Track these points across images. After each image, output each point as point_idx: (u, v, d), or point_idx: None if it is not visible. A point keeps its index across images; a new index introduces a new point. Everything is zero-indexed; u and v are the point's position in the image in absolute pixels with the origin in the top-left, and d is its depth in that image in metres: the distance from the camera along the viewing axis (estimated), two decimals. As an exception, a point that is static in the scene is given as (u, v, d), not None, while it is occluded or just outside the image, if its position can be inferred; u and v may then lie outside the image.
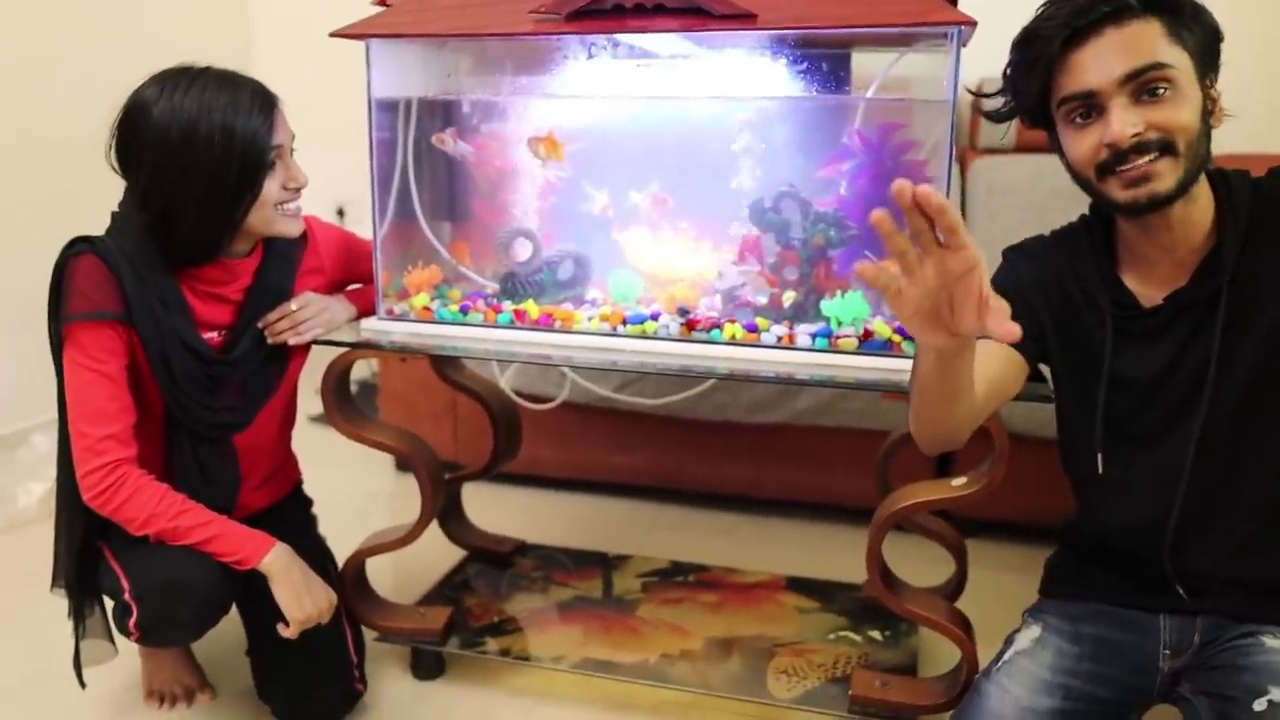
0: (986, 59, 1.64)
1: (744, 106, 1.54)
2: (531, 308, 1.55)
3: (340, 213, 3.35)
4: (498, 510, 2.28)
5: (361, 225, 3.08)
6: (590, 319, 1.53)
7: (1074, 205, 1.33)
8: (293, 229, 1.48)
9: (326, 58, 3.34)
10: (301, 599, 1.41)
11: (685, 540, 2.31)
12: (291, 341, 1.51)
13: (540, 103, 1.61)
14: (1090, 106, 1.12)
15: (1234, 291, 1.15)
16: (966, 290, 0.86)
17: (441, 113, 1.64)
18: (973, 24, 1.27)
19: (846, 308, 1.45)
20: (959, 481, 1.43)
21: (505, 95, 1.62)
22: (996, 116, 1.25)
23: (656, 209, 1.58)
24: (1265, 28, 2.66)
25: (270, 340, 1.51)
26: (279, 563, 1.41)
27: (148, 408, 1.46)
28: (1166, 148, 1.09)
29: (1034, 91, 1.16)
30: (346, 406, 1.63)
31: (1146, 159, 1.09)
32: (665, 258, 1.61)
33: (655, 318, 1.51)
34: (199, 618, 1.43)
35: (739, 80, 1.57)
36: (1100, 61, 1.09)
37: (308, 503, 1.79)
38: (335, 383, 1.60)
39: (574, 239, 1.65)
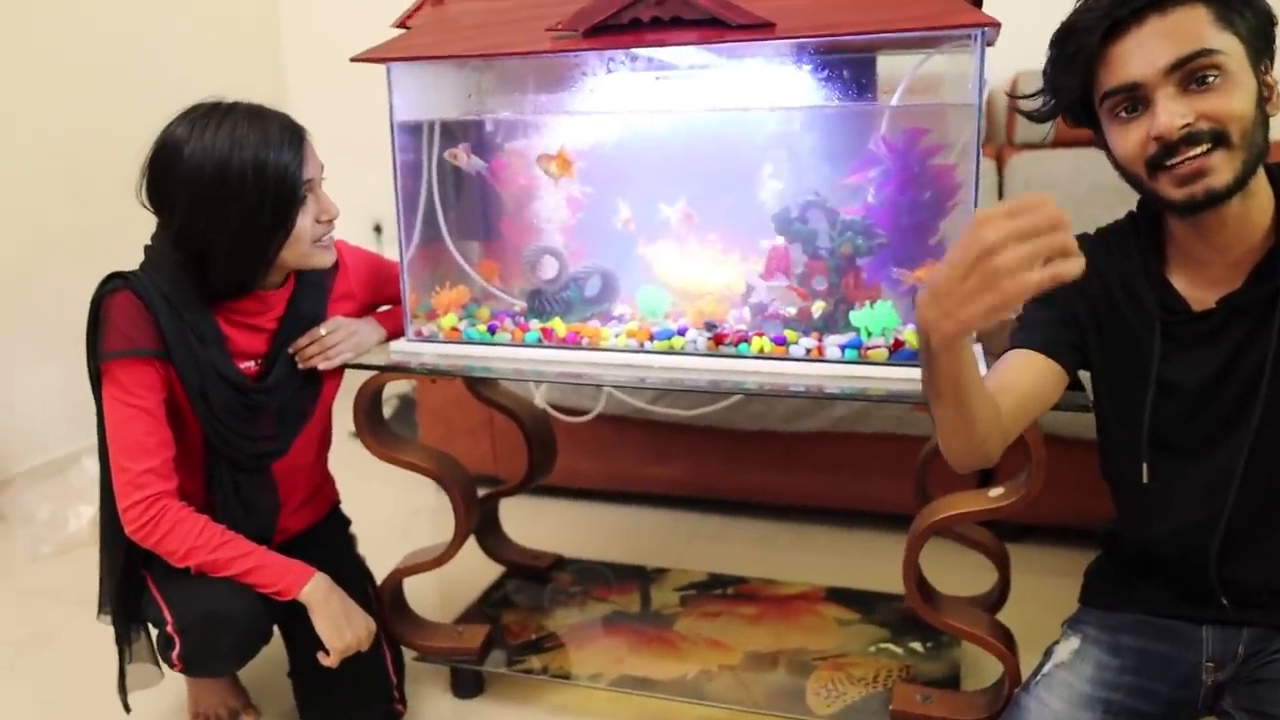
0: (1018, 55, 1.62)
1: (768, 116, 1.52)
2: (559, 325, 1.55)
3: (378, 229, 3.38)
4: (537, 523, 2.28)
5: (395, 245, 3.09)
6: (617, 335, 1.52)
7: (1116, 199, 1.28)
8: (326, 260, 1.49)
9: (360, 77, 3.33)
10: (341, 629, 1.41)
11: (724, 550, 2.29)
12: (321, 366, 1.52)
13: (562, 119, 1.61)
14: (1135, 99, 1.07)
15: None
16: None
17: (464, 133, 1.64)
18: (996, 25, 1.24)
19: (876, 318, 1.42)
20: (996, 492, 1.40)
21: (527, 113, 1.62)
22: (1037, 116, 1.20)
23: (684, 224, 1.57)
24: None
25: (301, 366, 1.52)
26: (318, 593, 1.42)
27: (187, 440, 1.48)
28: (1220, 139, 1.03)
29: (1075, 88, 1.12)
30: (379, 428, 1.64)
31: (1199, 151, 1.03)
32: (693, 271, 1.59)
33: (683, 333, 1.50)
34: (239, 649, 1.45)
35: (761, 89, 1.55)
36: (1144, 51, 1.04)
37: (346, 523, 1.80)
38: (367, 404, 1.61)
39: (601, 255, 1.64)
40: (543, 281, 1.61)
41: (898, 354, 1.40)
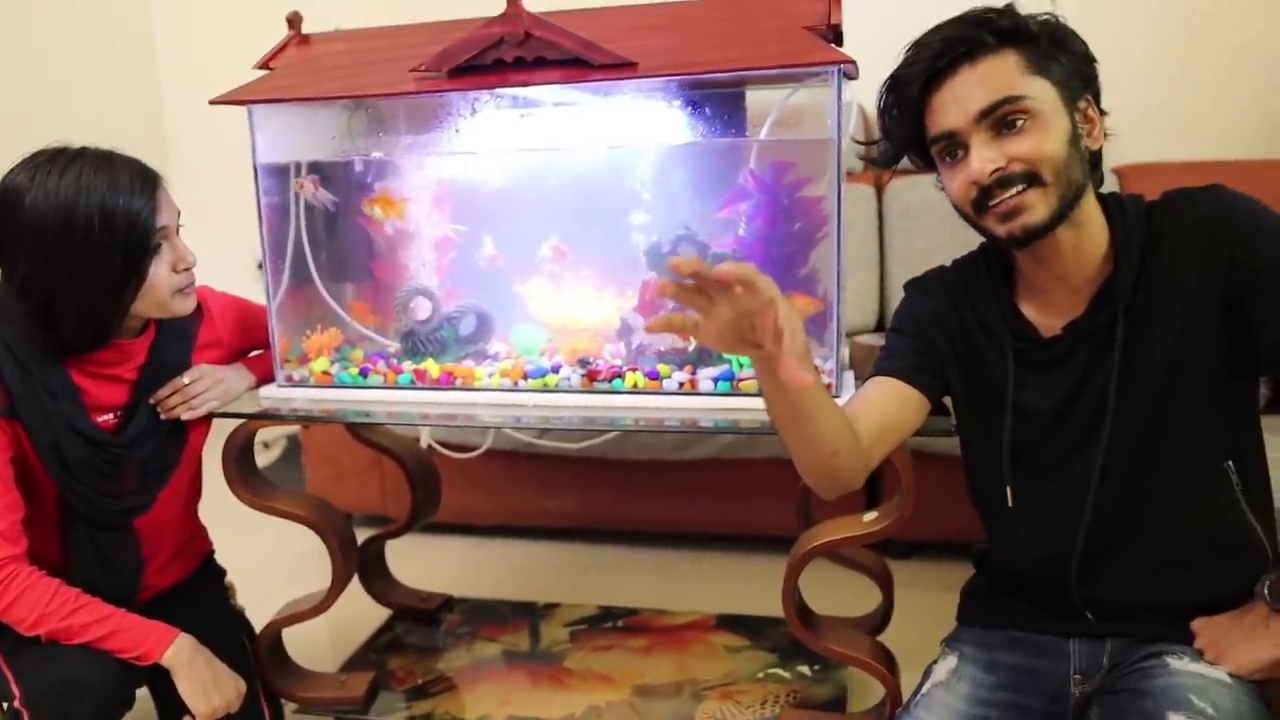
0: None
1: (637, 152, 1.53)
2: (432, 367, 1.53)
3: (261, 266, 3.30)
4: (428, 562, 2.24)
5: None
6: (491, 375, 1.51)
7: None
8: (186, 308, 1.44)
9: (237, 115, 3.31)
10: (208, 692, 1.36)
11: (618, 581, 2.29)
12: (185, 416, 1.47)
13: (431, 159, 1.59)
14: (954, 145, 1.12)
15: (1131, 319, 1.14)
16: (764, 320, 0.93)
17: (332, 174, 1.61)
18: (850, 62, 1.28)
19: (747, 350, 1.44)
20: (870, 516, 1.43)
21: (394, 154, 1.60)
22: (880, 161, 1.25)
23: (557, 261, 1.57)
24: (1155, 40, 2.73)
25: (163, 417, 1.47)
26: (182, 655, 1.36)
27: (40, 499, 1.40)
28: (1032, 179, 1.09)
29: (907, 135, 1.17)
30: (250, 476, 1.60)
31: (1013, 192, 1.09)
32: (567, 308, 1.59)
33: (556, 370, 1.49)
34: (99, 719, 1.38)
35: (630, 125, 1.57)
36: (957, 100, 1.10)
37: (220, 574, 1.74)
38: (236, 453, 1.56)
39: (476, 294, 1.63)
40: (416, 322, 1.59)
41: (769, 385, 1.41)
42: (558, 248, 1.57)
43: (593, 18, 1.46)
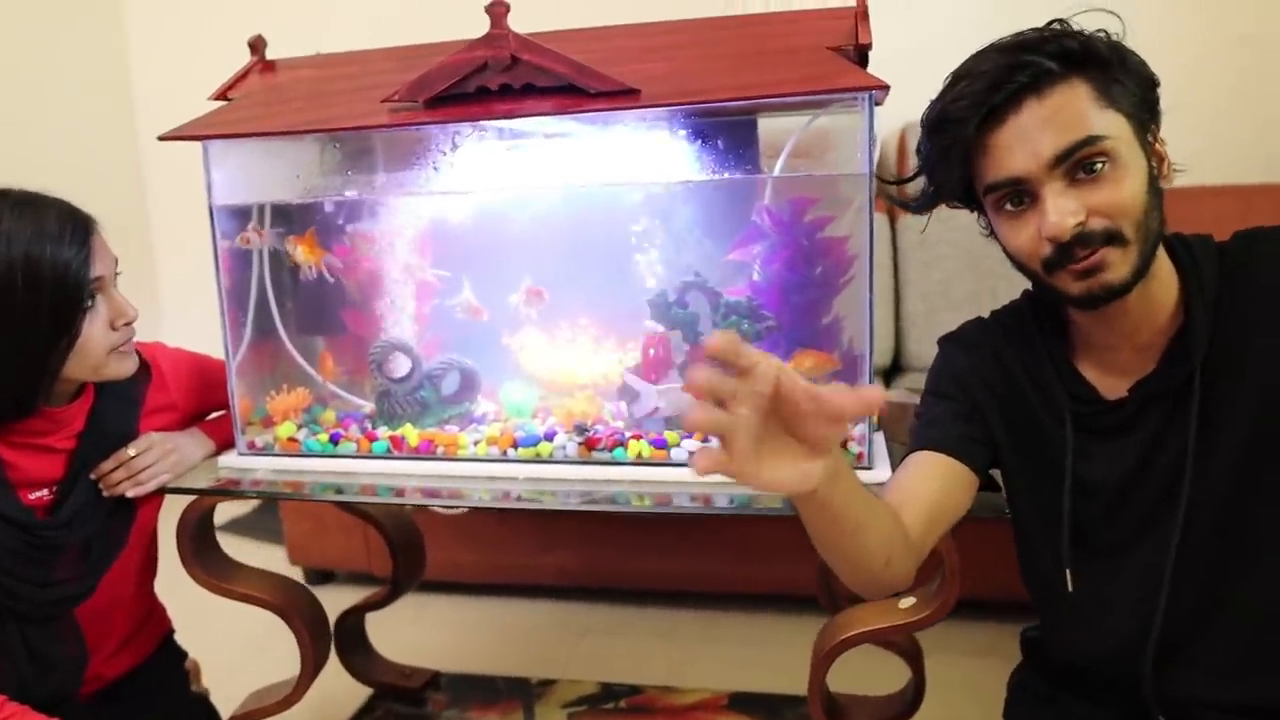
0: (906, 107, 1.49)
1: (638, 189, 1.37)
2: (410, 433, 1.36)
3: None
4: (413, 626, 2.07)
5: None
6: (477, 443, 1.34)
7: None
8: (124, 369, 1.27)
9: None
10: None
11: (619, 646, 2.11)
12: (130, 494, 1.30)
13: (409, 200, 1.43)
14: (1020, 193, 0.95)
15: (1207, 376, 0.98)
16: (789, 397, 0.70)
17: (300, 216, 1.44)
18: (885, 88, 1.11)
19: (766, 414, 1.27)
20: (908, 603, 1.26)
21: (367, 194, 1.43)
22: (915, 207, 1.07)
23: (532, 304, 1.40)
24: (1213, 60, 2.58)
25: (106, 493, 1.30)
26: None
27: None
28: (1112, 238, 0.92)
29: (956, 180, 1.00)
30: (208, 557, 1.42)
31: (1093, 250, 0.92)
32: (562, 363, 1.43)
33: (550, 437, 1.32)
34: None
35: (630, 158, 1.40)
36: (1024, 142, 0.92)
37: (179, 657, 1.56)
38: (192, 531, 1.38)
39: (459, 347, 1.46)
40: (393, 381, 1.42)
41: (792, 454, 1.25)
42: (533, 289, 1.40)
43: (588, 39, 1.30)
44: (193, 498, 1.36)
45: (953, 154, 0.97)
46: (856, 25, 1.23)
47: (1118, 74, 0.94)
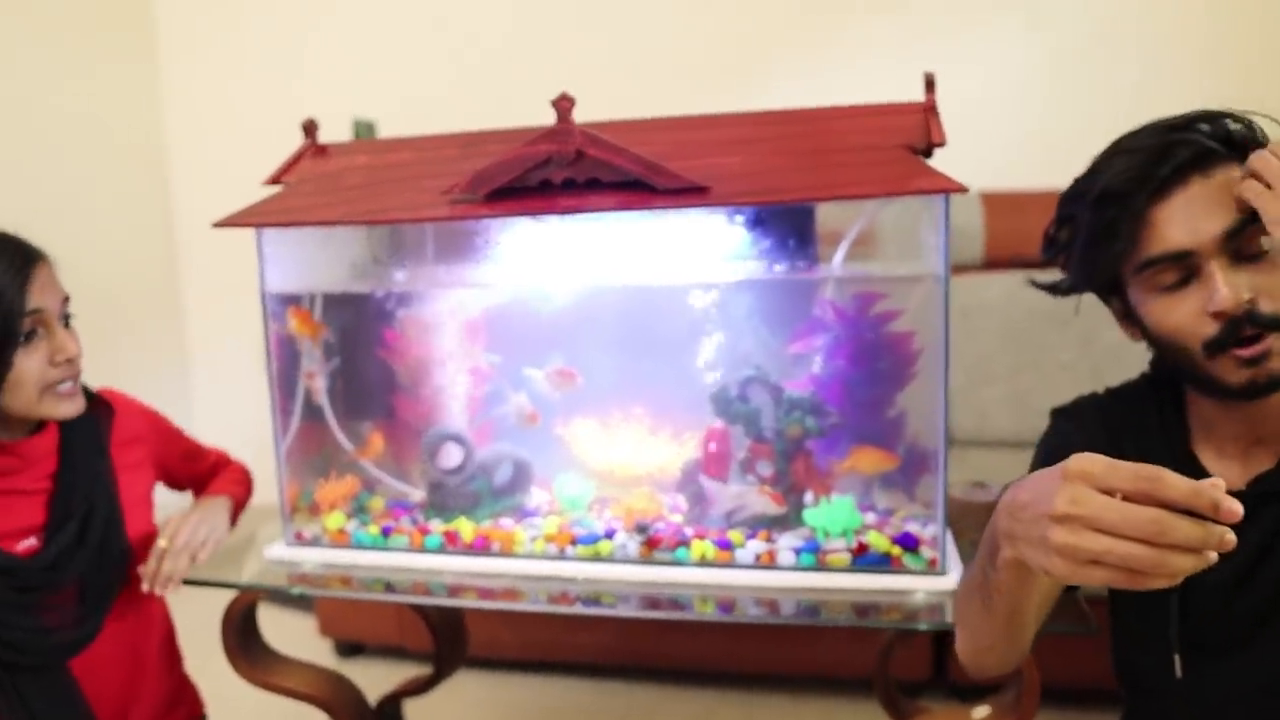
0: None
1: (697, 285, 1.34)
2: (465, 527, 1.32)
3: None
4: (449, 703, 2.01)
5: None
6: (534, 540, 1.30)
7: (1053, 326, 1.15)
8: (62, 411, 1.23)
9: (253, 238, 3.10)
10: None
11: (662, 729, 2.05)
12: (177, 586, 1.26)
13: (464, 292, 1.40)
14: (1184, 269, 0.93)
15: None
16: None
17: (349, 304, 1.42)
18: (962, 190, 1.08)
19: (834, 516, 1.23)
20: (981, 713, 1.21)
21: (420, 286, 1.41)
22: (1063, 289, 1.06)
23: (563, 388, 1.38)
24: None
25: (160, 592, 1.26)
26: None
27: None
28: (1277, 323, 0.90)
29: (1117, 258, 0.96)
30: (253, 649, 1.39)
31: (1261, 333, 0.90)
32: (617, 455, 1.39)
33: (610, 535, 1.28)
34: None
35: (688, 250, 1.36)
36: (1192, 216, 0.91)
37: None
38: (237, 624, 1.35)
39: (512, 437, 1.43)
40: (444, 472, 1.38)
41: (861, 558, 1.21)
42: (563, 370, 1.38)
43: (652, 130, 1.28)
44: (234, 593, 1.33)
45: (1119, 228, 0.94)
46: (928, 122, 1.20)
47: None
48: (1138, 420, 1.07)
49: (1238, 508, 0.63)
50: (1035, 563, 0.69)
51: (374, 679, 1.71)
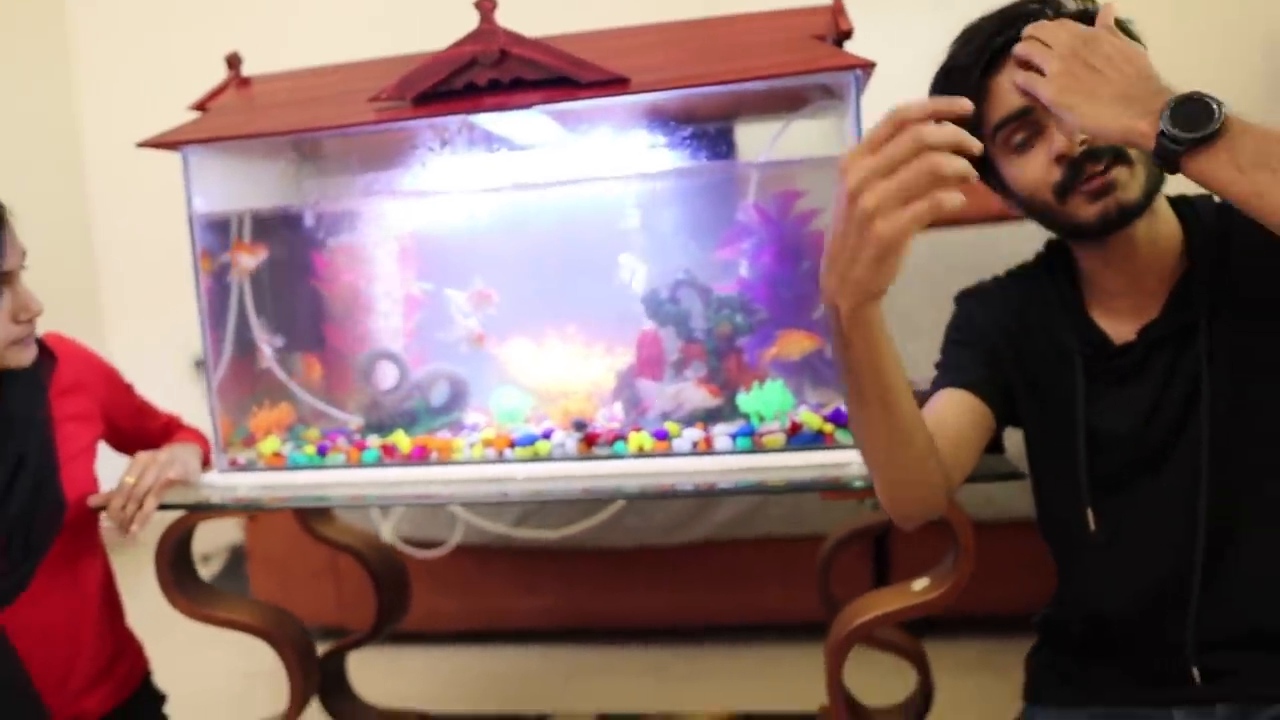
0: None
1: (625, 190, 1.37)
2: (402, 440, 1.32)
3: (200, 364, 3.07)
4: (394, 678, 1.98)
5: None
6: (472, 445, 1.30)
7: (971, 279, 1.21)
8: (23, 359, 1.23)
9: (174, 194, 3.09)
10: None
11: (609, 686, 2.04)
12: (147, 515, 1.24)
13: (393, 205, 1.41)
14: (1028, 126, 1.00)
15: (1213, 317, 1.02)
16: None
17: (278, 228, 1.42)
18: (870, 65, 1.13)
19: (767, 400, 1.27)
20: (921, 584, 1.24)
21: (351, 199, 1.42)
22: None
23: (482, 309, 1.39)
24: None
25: (126, 531, 1.24)
26: None
27: None
28: (1119, 155, 0.97)
29: (967, 126, 1.02)
30: (188, 582, 1.36)
31: (1103, 167, 0.97)
32: (553, 369, 1.41)
33: (548, 436, 1.29)
34: None
35: (613, 162, 1.40)
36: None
37: (159, 700, 1.47)
38: (171, 555, 1.32)
39: (446, 357, 1.43)
40: (380, 392, 1.39)
41: (795, 438, 1.24)
42: (481, 292, 1.40)
43: (573, 42, 1.31)
44: (171, 520, 1.31)
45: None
46: (835, 17, 1.26)
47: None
48: (1036, 291, 1.13)
49: (966, 102, 0.71)
50: (867, 266, 0.73)
51: None
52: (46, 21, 3.27)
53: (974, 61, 1.00)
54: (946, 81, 1.04)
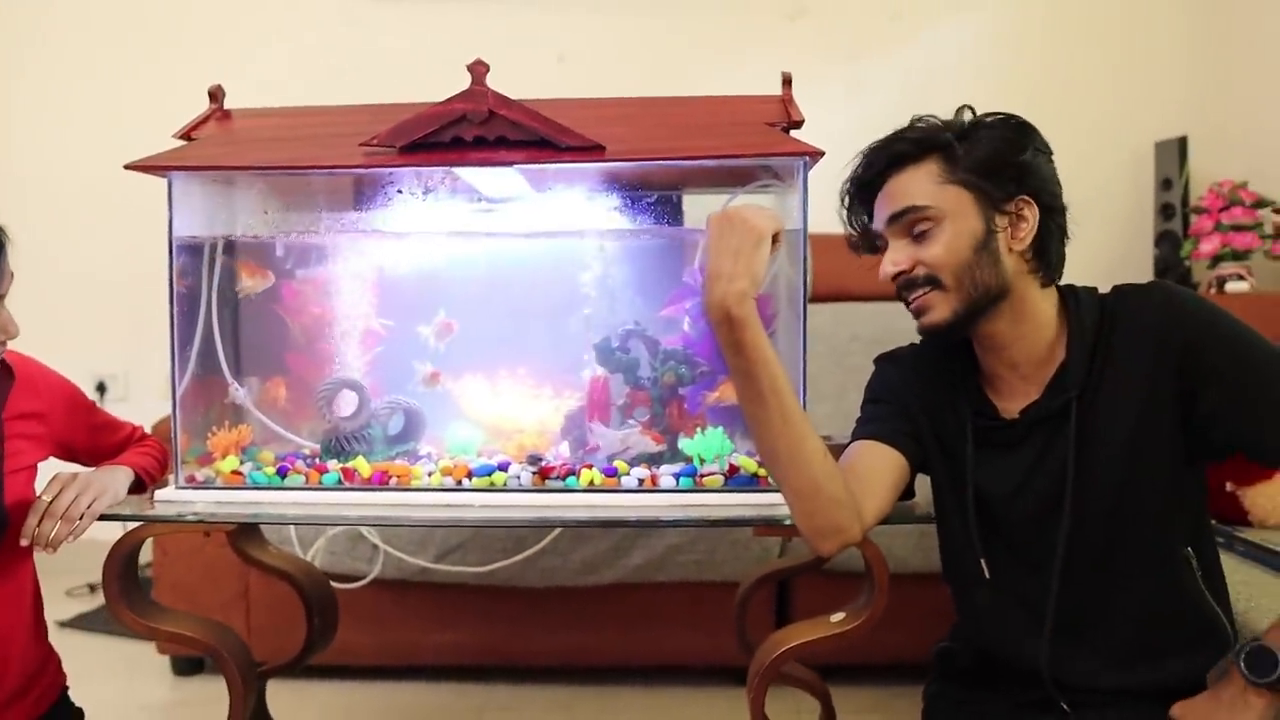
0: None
1: (582, 243, 1.49)
2: (362, 465, 1.39)
3: (101, 388, 3.02)
4: (304, 711, 1.99)
5: (128, 403, 2.78)
6: (431, 474, 1.38)
7: (874, 349, 1.38)
8: None
9: (88, 216, 3.08)
10: None
11: (519, 723, 2.10)
12: (70, 541, 1.26)
13: (364, 243, 1.50)
14: (878, 243, 1.22)
15: (1084, 404, 1.17)
16: None
17: (252, 254, 1.48)
18: (820, 154, 1.29)
19: (708, 444, 1.39)
20: (838, 617, 1.36)
21: (325, 233, 1.49)
22: (856, 246, 1.29)
23: (441, 337, 1.49)
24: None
25: (46, 551, 1.25)
26: None
27: None
28: (932, 282, 1.16)
29: (862, 228, 1.25)
30: (134, 594, 1.38)
31: (919, 293, 1.17)
32: (504, 407, 1.50)
33: (504, 468, 1.38)
34: None
35: (574, 221, 1.52)
36: (881, 205, 1.20)
37: (78, 716, 1.47)
38: (120, 567, 1.35)
39: (403, 391, 1.51)
40: (340, 419, 1.45)
41: (733, 479, 1.36)
42: (444, 322, 1.50)
43: (550, 108, 1.44)
44: (120, 533, 1.34)
45: (854, 214, 1.25)
46: (787, 107, 1.42)
47: (960, 156, 1.16)
48: (944, 367, 1.28)
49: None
50: (748, 263, 1.09)
51: (217, 696, 1.50)
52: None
53: (850, 190, 1.23)
54: (842, 200, 1.25)
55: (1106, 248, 3.04)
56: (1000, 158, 1.16)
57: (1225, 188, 2.80)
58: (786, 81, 1.46)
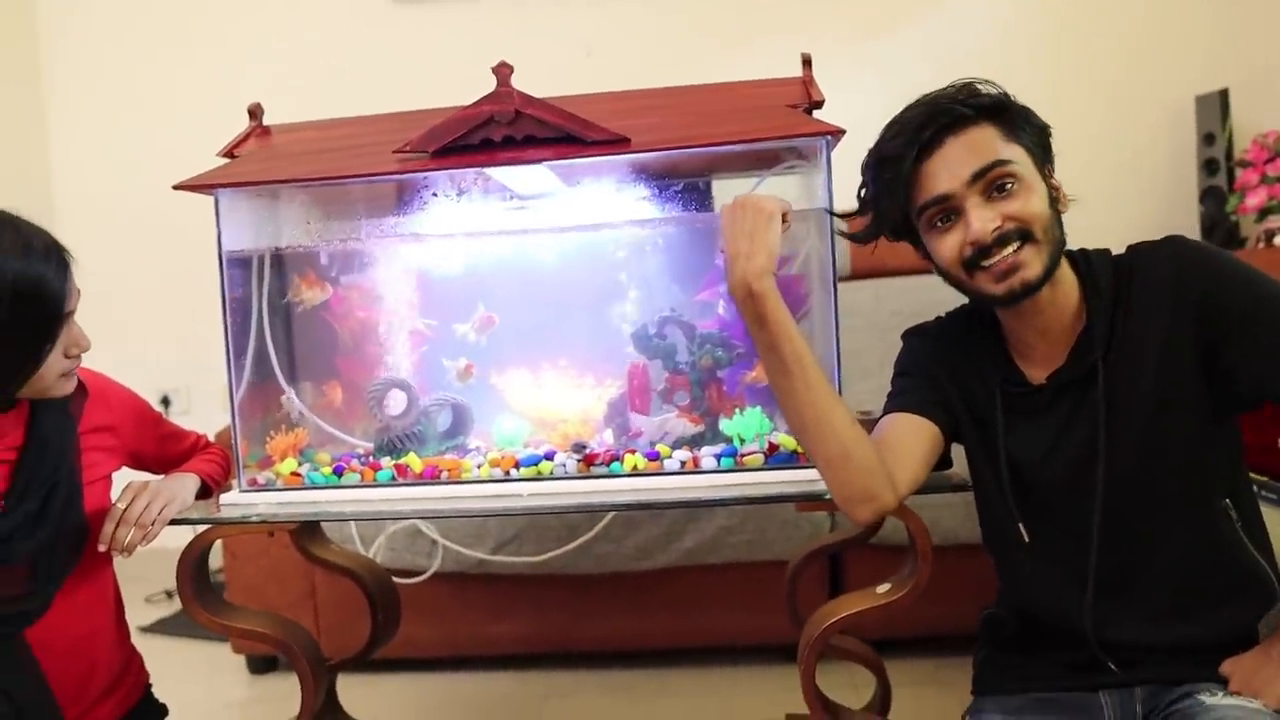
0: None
1: (615, 234, 1.53)
2: (414, 461, 1.44)
3: (166, 401, 3.12)
4: (371, 704, 2.05)
5: (190, 416, 2.88)
6: (480, 466, 1.43)
7: (913, 323, 1.38)
8: (66, 389, 1.32)
9: (145, 236, 3.19)
10: None
11: (581, 707, 2.15)
12: (143, 547, 1.32)
13: (404, 247, 1.55)
14: (948, 210, 1.17)
15: (1109, 365, 1.18)
16: None
17: (299, 264, 1.54)
18: (841, 132, 1.31)
19: (747, 424, 1.42)
20: (884, 588, 1.38)
21: (366, 240, 1.54)
22: (862, 238, 1.28)
23: (485, 332, 1.54)
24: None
25: (123, 555, 1.32)
26: None
27: None
28: (1026, 236, 1.15)
29: (897, 208, 1.21)
30: (207, 594, 1.45)
31: (1010, 250, 1.14)
32: (548, 399, 1.54)
33: (550, 457, 1.42)
34: None
35: (606, 213, 1.55)
36: (948, 168, 1.15)
37: (161, 713, 1.54)
38: (193, 568, 1.41)
39: (449, 388, 1.56)
40: (390, 418, 1.50)
41: (773, 458, 1.39)
42: (485, 317, 1.54)
43: (576, 103, 1.47)
44: (193, 535, 1.40)
45: (895, 185, 1.19)
46: (807, 88, 1.44)
47: (1018, 121, 1.18)
48: (969, 332, 1.30)
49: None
50: (763, 241, 1.17)
51: (289, 693, 1.64)
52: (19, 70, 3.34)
53: (903, 153, 1.17)
54: (880, 168, 1.21)
55: (1150, 206, 3.00)
56: (1044, 130, 1.20)
57: (1270, 139, 2.75)
58: (806, 62, 1.48)
